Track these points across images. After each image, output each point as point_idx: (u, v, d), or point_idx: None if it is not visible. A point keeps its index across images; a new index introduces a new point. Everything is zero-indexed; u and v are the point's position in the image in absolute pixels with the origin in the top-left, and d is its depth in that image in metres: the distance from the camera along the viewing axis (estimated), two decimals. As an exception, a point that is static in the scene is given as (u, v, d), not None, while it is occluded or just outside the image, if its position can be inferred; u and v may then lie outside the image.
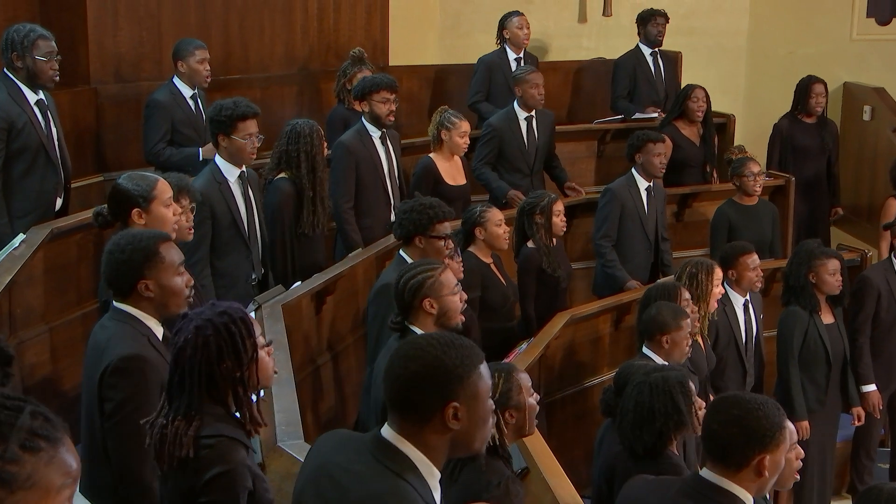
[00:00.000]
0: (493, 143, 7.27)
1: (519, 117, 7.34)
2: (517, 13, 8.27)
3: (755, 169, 7.02)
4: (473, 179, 7.12)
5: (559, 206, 6.08)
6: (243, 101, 5.26)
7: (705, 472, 2.95)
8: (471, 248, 5.65)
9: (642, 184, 6.71)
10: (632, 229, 6.68)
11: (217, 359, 2.69)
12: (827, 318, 5.99)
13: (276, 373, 2.97)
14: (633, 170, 6.74)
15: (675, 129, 7.71)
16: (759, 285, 5.97)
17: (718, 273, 5.52)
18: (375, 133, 6.42)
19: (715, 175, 8.02)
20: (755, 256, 5.90)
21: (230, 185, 5.23)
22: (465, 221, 5.69)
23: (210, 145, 6.24)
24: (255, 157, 5.30)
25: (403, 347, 2.34)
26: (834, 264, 5.90)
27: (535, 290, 6.02)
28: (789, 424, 2.98)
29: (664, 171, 6.76)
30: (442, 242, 4.82)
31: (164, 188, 4.08)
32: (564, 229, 6.15)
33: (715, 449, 2.92)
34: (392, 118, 6.42)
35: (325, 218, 5.74)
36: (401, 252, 4.90)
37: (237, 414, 2.74)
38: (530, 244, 6.05)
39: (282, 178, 5.66)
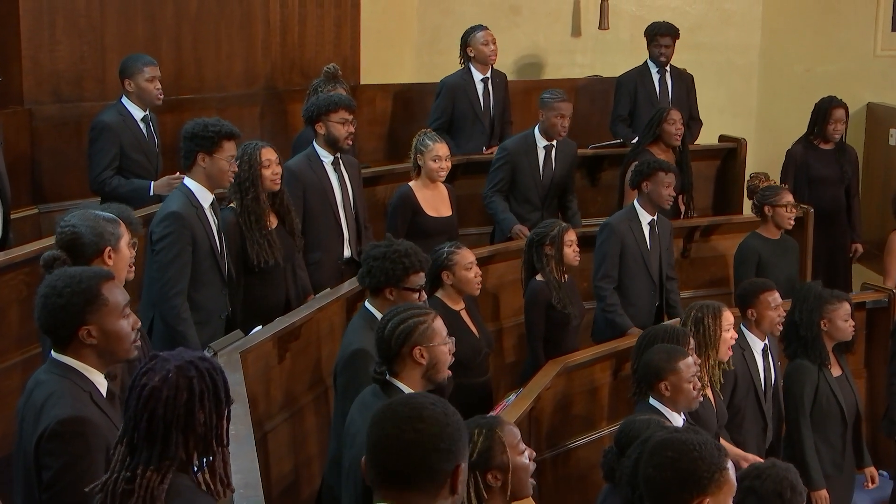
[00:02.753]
0: (505, 168, 7.39)
1: (538, 144, 7.46)
2: (481, 27, 8.33)
3: (790, 199, 7.07)
4: (461, 210, 7.18)
5: (571, 236, 6.15)
6: (225, 121, 5.38)
7: None
8: (438, 294, 5.65)
9: (645, 217, 6.72)
10: (634, 269, 6.69)
11: (199, 404, 2.70)
12: (835, 369, 6.03)
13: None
14: (636, 201, 6.75)
15: (650, 156, 7.75)
16: (780, 327, 6.01)
17: (728, 317, 5.50)
18: (327, 158, 6.45)
19: (692, 205, 8.02)
20: (777, 294, 5.92)
21: (205, 210, 5.29)
22: (431, 264, 5.67)
23: (163, 180, 6.30)
24: (232, 180, 5.42)
25: (401, 412, 2.40)
26: (847, 308, 5.95)
27: (543, 328, 6.07)
28: (731, 465, 3.05)
29: (671, 203, 6.81)
30: (415, 295, 4.84)
31: (124, 227, 4.18)
32: (578, 261, 6.21)
33: (652, 495, 3.02)
34: (350, 141, 6.48)
35: (277, 250, 5.72)
36: (367, 305, 4.89)
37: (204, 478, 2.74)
38: (539, 278, 6.11)
39: (227, 208, 5.73)
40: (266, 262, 5.68)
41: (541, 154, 7.45)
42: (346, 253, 6.47)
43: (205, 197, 5.29)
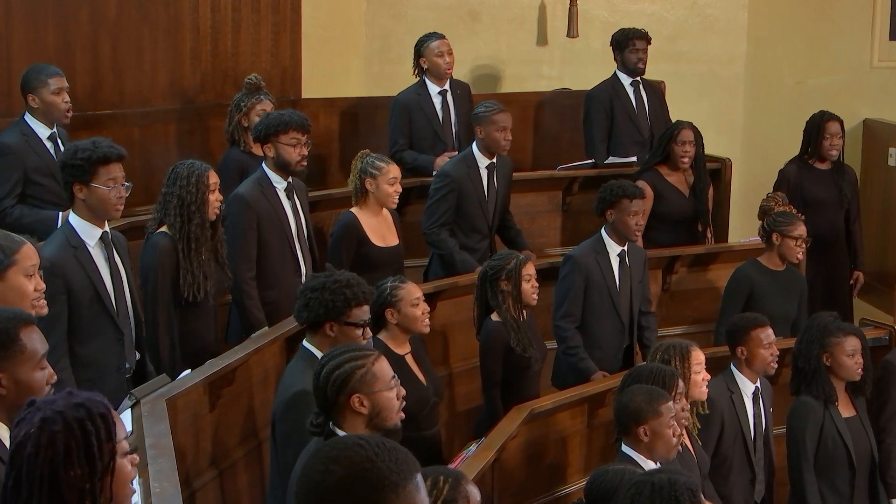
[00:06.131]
0: (450, 198, 7.29)
1: (480, 165, 7.42)
2: (435, 36, 8.30)
3: (803, 230, 7.08)
4: (413, 239, 7.19)
5: (530, 269, 6.17)
6: (104, 141, 5.28)
7: None
8: (381, 336, 5.64)
9: (613, 249, 6.74)
10: (600, 307, 6.70)
11: (64, 463, 2.65)
12: (846, 410, 6.09)
13: (135, 491, 2.94)
14: (603, 230, 6.78)
15: (657, 176, 7.85)
16: (774, 367, 6.07)
17: (697, 356, 5.56)
18: (280, 184, 6.47)
19: (709, 234, 8.13)
20: (770, 331, 6.01)
21: (89, 249, 5.22)
22: (373, 302, 5.62)
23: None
24: (121, 209, 5.31)
25: (324, 449, 2.38)
26: (853, 343, 6.02)
27: (501, 373, 6.08)
28: None
29: (641, 233, 6.85)
30: (359, 332, 4.85)
31: (29, 253, 4.12)
32: (536, 298, 6.23)
33: None
34: (304, 164, 6.48)
35: (210, 283, 5.74)
36: (305, 343, 4.90)
37: None
38: (495, 317, 6.12)
39: (160, 233, 5.72)
40: (195, 297, 5.68)
41: (484, 175, 7.42)
42: None
43: (90, 233, 5.23)
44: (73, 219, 5.23)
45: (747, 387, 6.02)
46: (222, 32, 8.42)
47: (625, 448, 4.88)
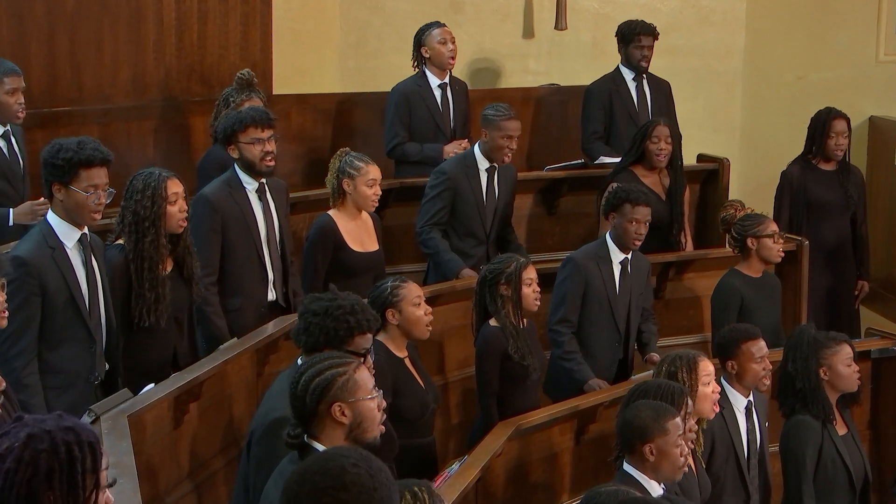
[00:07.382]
0: (445, 196, 7.35)
1: (479, 167, 7.46)
2: (437, 24, 8.36)
3: (775, 227, 7.14)
4: (394, 244, 7.17)
5: (531, 274, 6.19)
6: (91, 142, 5.29)
7: None
8: (380, 337, 5.66)
9: (616, 256, 6.76)
10: (597, 315, 6.73)
11: (45, 484, 2.66)
12: (840, 427, 6.10)
13: None
14: (608, 235, 6.81)
15: (632, 177, 7.81)
16: (767, 381, 6.06)
17: (706, 367, 5.53)
18: (251, 184, 6.46)
19: (684, 239, 8.09)
20: (762, 343, 5.99)
21: (67, 251, 5.23)
22: (373, 302, 5.70)
23: (25, 206, 6.25)
24: (100, 216, 5.31)
25: (319, 482, 2.42)
26: (847, 351, 6.04)
27: (497, 382, 6.09)
28: None
29: (641, 242, 6.82)
30: (361, 360, 4.82)
31: None
32: (538, 304, 6.24)
33: None
34: (270, 163, 6.44)
35: (164, 306, 5.69)
36: (300, 362, 4.87)
37: None
38: (493, 322, 6.14)
39: (116, 246, 5.70)
40: (145, 321, 5.65)
41: (483, 178, 7.46)
42: (271, 296, 6.46)
43: (68, 234, 5.24)
44: (52, 218, 5.25)
45: (739, 401, 5.99)
46: (188, 25, 8.40)
47: (626, 467, 4.85)
